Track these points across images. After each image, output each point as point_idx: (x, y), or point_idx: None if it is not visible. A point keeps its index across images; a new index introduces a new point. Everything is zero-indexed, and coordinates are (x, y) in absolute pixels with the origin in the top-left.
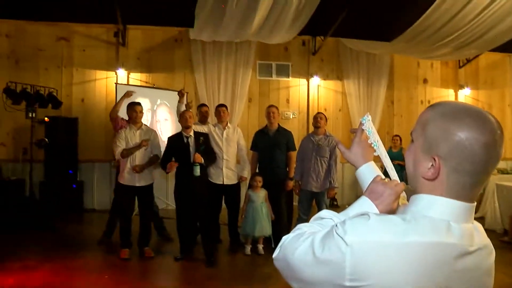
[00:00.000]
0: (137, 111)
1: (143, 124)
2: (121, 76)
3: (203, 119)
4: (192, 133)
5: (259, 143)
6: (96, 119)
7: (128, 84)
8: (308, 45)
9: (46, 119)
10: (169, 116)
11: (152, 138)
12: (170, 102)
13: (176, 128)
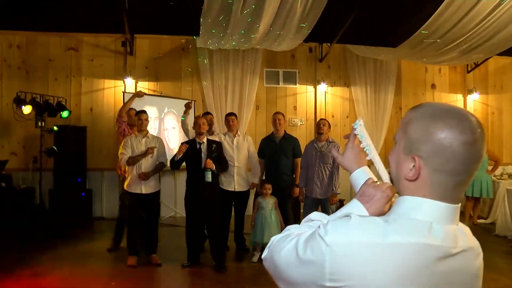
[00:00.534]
0: (143, 119)
1: (148, 132)
2: (129, 84)
3: (208, 127)
4: (205, 140)
5: (266, 150)
6: (104, 128)
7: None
8: (315, 52)
9: (55, 128)
10: (176, 124)
11: (158, 145)
12: (177, 110)
13: (183, 137)
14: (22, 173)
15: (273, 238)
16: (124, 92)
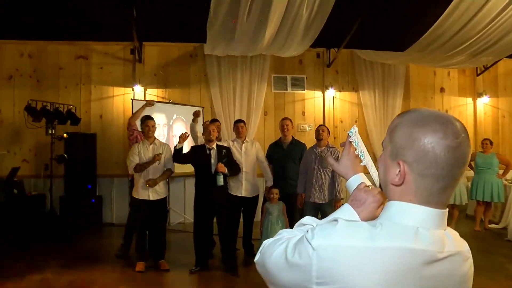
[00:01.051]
0: (150, 126)
1: (155, 139)
2: (138, 92)
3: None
4: (214, 146)
5: (273, 156)
6: (114, 135)
7: (144, 100)
8: (323, 57)
9: (65, 135)
10: (185, 130)
11: (165, 152)
12: (186, 117)
13: (192, 143)
14: (33, 180)
15: (265, 242)
16: (133, 100)
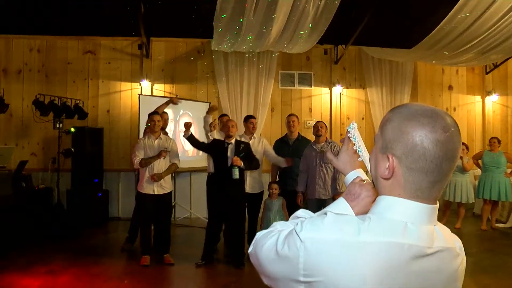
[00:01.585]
0: (155, 120)
1: (161, 133)
2: (145, 87)
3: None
4: (233, 141)
5: (279, 152)
6: (121, 129)
7: (152, 95)
8: (330, 54)
9: (73, 130)
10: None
11: (171, 147)
12: (192, 112)
13: (198, 138)
14: (41, 173)
15: (258, 234)
16: (139, 95)
